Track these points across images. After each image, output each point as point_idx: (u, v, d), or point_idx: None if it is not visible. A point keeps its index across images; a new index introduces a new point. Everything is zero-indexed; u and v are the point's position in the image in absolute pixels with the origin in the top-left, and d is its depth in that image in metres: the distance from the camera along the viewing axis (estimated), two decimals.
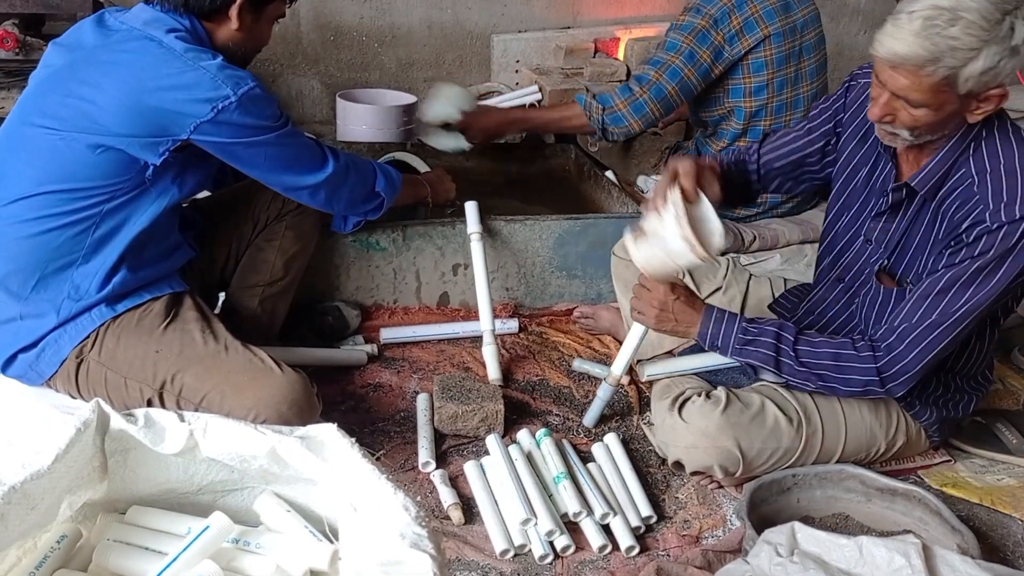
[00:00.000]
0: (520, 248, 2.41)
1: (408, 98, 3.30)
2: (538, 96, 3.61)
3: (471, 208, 2.34)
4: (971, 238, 1.49)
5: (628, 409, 2.06)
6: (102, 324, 1.66)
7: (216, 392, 1.61)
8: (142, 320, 1.68)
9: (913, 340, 1.55)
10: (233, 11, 1.70)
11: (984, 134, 1.52)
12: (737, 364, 1.86)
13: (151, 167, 1.64)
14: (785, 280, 2.11)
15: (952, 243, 1.53)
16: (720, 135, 2.55)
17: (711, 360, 1.89)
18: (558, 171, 3.01)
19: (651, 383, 1.95)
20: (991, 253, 1.48)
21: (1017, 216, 1.45)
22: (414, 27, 3.63)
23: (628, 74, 3.76)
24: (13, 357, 1.66)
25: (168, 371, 1.64)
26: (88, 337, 1.65)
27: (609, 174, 2.81)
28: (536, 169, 2.99)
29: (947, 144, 1.53)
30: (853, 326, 1.76)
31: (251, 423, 1.54)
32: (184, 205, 1.96)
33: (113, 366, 1.65)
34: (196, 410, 1.61)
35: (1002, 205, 1.46)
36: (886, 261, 1.68)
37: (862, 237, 1.73)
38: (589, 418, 1.97)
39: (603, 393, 1.95)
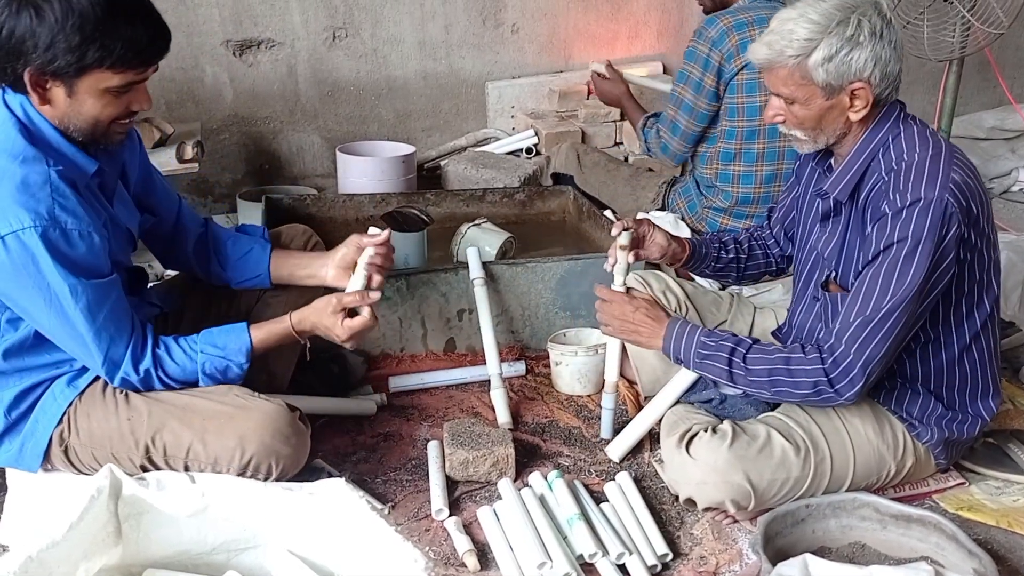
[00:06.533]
0: (523, 291, 2.43)
1: (407, 148, 3.35)
2: (534, 140, 3.67)
3: (472, 254, 2.37)
4: (876, 230, 1.59)
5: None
6: (70, 405, 1.65)
7: (198, 441, 1.62)
8: (104, 391, 1.67)
9: (849, 338, 1.60)
10: (27, 84, 1.47)
11: (891, 138, 1.64)
12: (719, 396, 1.88)
13: None
14: (788, 310, 2.12)
15: (866, 241, 1.63)
16: (721, 156, 2.60)
17: (663, 402, 1.94)
18: (557, 212, 3.05)
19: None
20: (900, 241, 1.55)
21: (909, 200, 1.55)
22: (410, 79, 3.69)
23: (622, 115, 3.82)
24: None
25: (146, 434, 1.63)
26: (62, 421, 1.65)
27: (608, 213, 2.84)
28: (535, 211, 3.03)
29: (853, 148, 1.67)
30: None
31: (242, 462, 1.56)
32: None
33: (95, 444, 1.65)
34: (186, 463, 1.62)
35: (898, 194, 1.57)
36: (834, 272, 1.76)
37: (816, 252, 1.82)
38: (605, 430, 2.03)
39: (606, 402, 2.02)
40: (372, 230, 1.91)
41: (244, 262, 1.95)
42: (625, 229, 1.93)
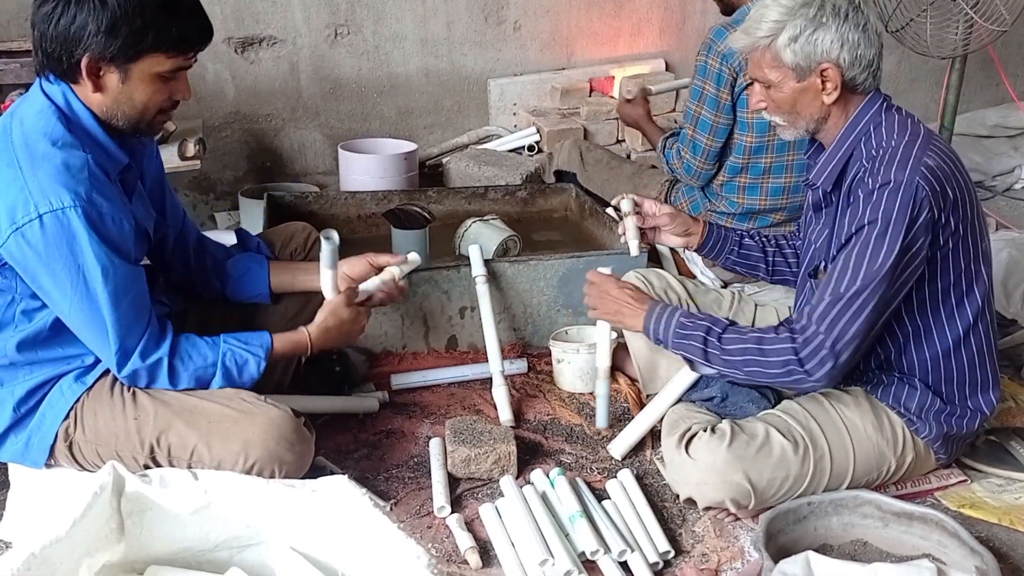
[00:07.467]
0: (525, 288, 2.43)
1: (409, 146, 3.35)
2: (536, 137, 3.67)
3: (475, 251, 2.37)
4: (848, 213, 1.62)
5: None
6: (77, 401, 1.66)
7: (202, 444, 1.62)
8: (112, 389, 1.67)
9: (819, 317, 1.62)
10: (83, 71, 1.52)
11: (873, 127, 1.67)
12: (720, 394, 1.87)
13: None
14: (790, 307, 2.12)
15: (839, 225, 1.66)
16: (728, 169, 2.58)
17: (665, 400, 1.94)
18: (559, 209, 3.05)
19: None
20: (870, 223, 1.58)
21: (880, 182, 1.58)
22: (412, 76, 3.69)
23: None
24: (2, 439, 1.68)
25: (151, 435, 1.64)
26: (68, 417, 1.65)
27: (610, 211, 2.83)
28: (537, 208, 3.03)
29: (836, 137, 1.71)
30: None
31: (245, 466, 1.57)
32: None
33: (100, 441, 1.65)
34: (189, 465, 1.63)
35: (870, 178, 1.61)
36: (823, 261, 1.78)
37: (810, 243, 1.84)
38: (600, 420, 2.03)
39: (600, 389, 2.02)
40: (411, 256, 1.95)
41: (243, 281, 1.96)
42: (624, 198, 1.99)
